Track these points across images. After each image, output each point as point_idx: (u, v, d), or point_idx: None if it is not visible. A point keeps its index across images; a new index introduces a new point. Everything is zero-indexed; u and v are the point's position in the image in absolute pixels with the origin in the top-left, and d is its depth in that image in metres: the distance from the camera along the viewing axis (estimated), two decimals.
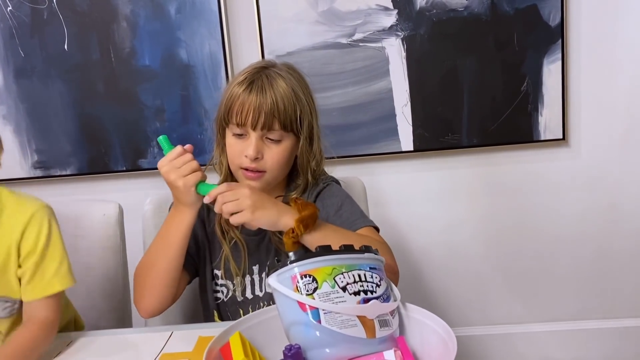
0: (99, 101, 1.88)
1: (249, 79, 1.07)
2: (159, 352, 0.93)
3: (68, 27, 1.83)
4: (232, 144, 1.09)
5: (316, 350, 0.74)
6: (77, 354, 0.97)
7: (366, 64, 1.80)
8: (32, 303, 1.03)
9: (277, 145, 1.07)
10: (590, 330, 1.98)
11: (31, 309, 1.04)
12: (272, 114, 1.04)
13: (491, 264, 1.97)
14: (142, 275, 1.05)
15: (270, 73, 1.08)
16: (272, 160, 1.07)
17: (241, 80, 1.07)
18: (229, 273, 1.13)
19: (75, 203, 1.39)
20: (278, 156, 1.08)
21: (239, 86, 1.07)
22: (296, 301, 0.74)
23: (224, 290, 1.14)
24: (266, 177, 1.08)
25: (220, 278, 1.14)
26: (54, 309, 1.04)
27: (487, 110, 1.81)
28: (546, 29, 1.75)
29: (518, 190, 1.90)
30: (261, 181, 1.08)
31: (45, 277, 1.03)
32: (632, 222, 1.90)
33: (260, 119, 1.04)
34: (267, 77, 1.07)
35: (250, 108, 1.04)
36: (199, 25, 1.81)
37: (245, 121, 1.05)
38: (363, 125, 1.84)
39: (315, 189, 1.15)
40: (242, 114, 1.04)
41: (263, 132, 1.05)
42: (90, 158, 1.91)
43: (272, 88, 1.05)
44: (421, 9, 1.76)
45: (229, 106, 1.07)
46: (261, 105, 1.04)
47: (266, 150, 1.06)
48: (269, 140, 1.07)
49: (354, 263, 0.78)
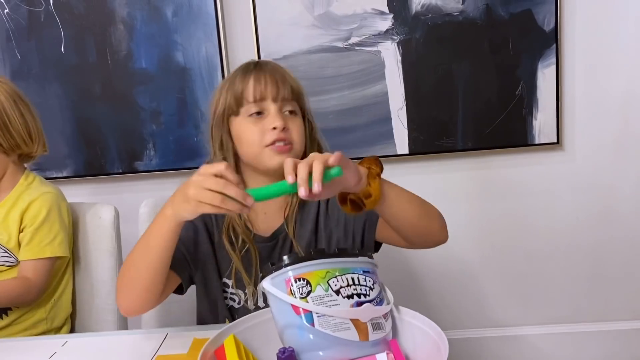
0: (96, 104, 1.88)
1: (251, 63, 1.08)
2: (154, 353, 0.94)
3: (65, 30, 1.83)
4: (249, 126, 1.05)
5: (310, 353, 0.75)
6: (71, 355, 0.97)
7: (362, 67, 1.81)
8: (24, 263, 1.24)
9: (294, 117, 1.06)
10: (584, 333, 1.98)
11: (21, 268, 1.24)
12: (288, 85, 1.05)
13: (485, 266, 1.98)
14: (122, 275, 0.98)
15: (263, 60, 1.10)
16: (297, 131, 1.06)
17: (244, 67, 1.08)
18: (241, 283, 1.08)
19: (71, 206, 1.39)
20: (300, 128, 1.07)
21: (243, 72, 1.07)
22: (290, 304, 0.75)
23: (236, 298, 1.10)
24: (295, 151, 1.05)
25: (231, 287, 1.10)
26: (40, 273, 1.23)
27: (482, 114, 1.82)
28: (541, 34, 1.76)
29: (512, 194, 1.91)
30: (292, 154, 1.04)
31: (38, 244, 1.24)
32: (626, 225, 1.91)
33: (280, 89, 1.04)
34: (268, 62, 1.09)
35: (269, 81, 1.04)
36: (196, 29, 1.81)
37: (265, 94, 1.04)
38: (359, 128, 1.85)
39: None
40: (260, 87, 1.04)
41: (282, 103, 1.05)
42: (87, 160, 1.92)
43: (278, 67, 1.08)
44: (417, 13, 1.77)
45: (238, 91, 1.05)
46: (277, 77, 1.05)
47: (289, 122, 1.05)
48: (286, 114, 1.05)
49: (348, 267, 0.79)
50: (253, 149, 1.05)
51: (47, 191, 1.30)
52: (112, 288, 1.33)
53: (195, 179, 0.82)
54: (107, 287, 1.33)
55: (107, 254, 1.34)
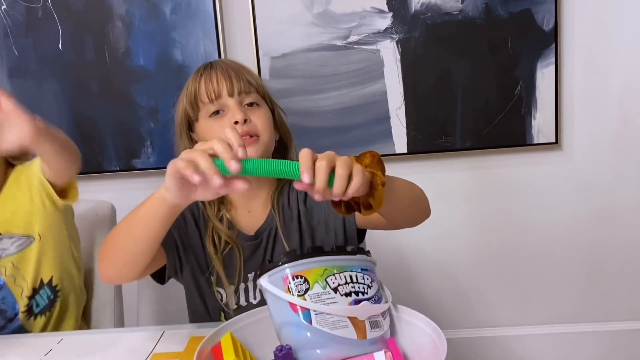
0: (93, 101, 1.87)
1: (204, 66, 1.08)
2: (150, 351, 0.93)
3: (63, 27, 1.83)
4: (211, 126, 1.04)
5: (307, 351, 0.74)
6: (67, 352, 0.96)
7: (361, 66, 1.81)
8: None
9: (258, 108, 1.05)
10: (582, 333, 1.98)
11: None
12: (244, 78, 1.04)
13: (483, 266, 1.97)
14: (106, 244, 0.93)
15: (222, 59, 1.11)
16: (261, 121, 1.04)
17: (195, 71, 1.08)
18: (222, 281, 1.08)
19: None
20: (264, 117, 1.05)
21: (196, 74, 1.06)
22: (287, 302, 0.75)
23: (219, 296, 1.10)
24: (263, 140, 1.04)
25: (214, 284, 1.09)
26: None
27: (480, 114, 1.82)
28: (540, 33, 1.76)
29: (511, 193, 1.91)
30: (259, 145, 1.03)
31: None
32: (625, 225, 1.91)
33: (234, 83, 1.03)
34: (221, 60, 1.12)
35: (220, 78, 1.03)
36: (194, 26, 1.81)
37: (219, 91, 1.03)
38: (357, 127, 1.84)
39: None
40: (213, 87, 1.03)
41: (241, 97, 1.04)
42: (84, 158, 1.86)
43: (232, 63, 1.07)
44: (416, 12, 1.76)
45: (193, 94, 1.05)
46: (229, 72, 1.04)
47: (251, 114, 1.04)
48: (248, 106, 1.05)
49: (346, 264, 0.79)
50: None
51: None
52: (109, 286, 1.33)
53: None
54: (104, 284, 1.33)
55: None
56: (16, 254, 1.21)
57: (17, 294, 1.21)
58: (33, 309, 1.23)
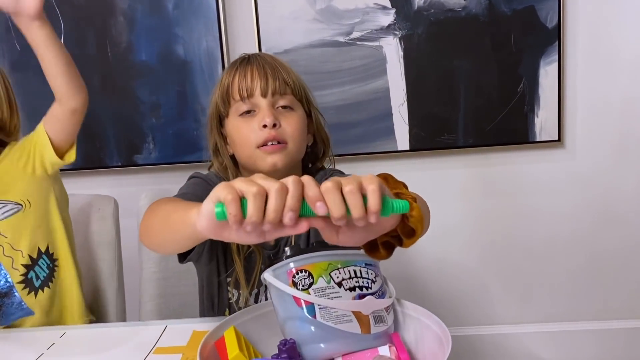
0: (95, 96, 1.86)
1: (237, 59, 1.03)
2: (153, 345, 0.93)
3: (65, 21, 1.82)
4: (240, 125, 0.99)
5: (311, 345, 0.74)
6: (70, 347, 0.96)
7: (363, 62, 1.80)
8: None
9: (291, 112, 1.00)
10: (582, 331, 1.98)
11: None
12: (281, 77, 0.99)
13: (485, 264, 1.97)
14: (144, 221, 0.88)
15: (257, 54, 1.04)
16: (292, 127, 0.98)
17: (231, 64, 1.03)
18: (235, 282, 1.06)
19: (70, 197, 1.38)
20: (296, 124, 1.00)
21: (232, 68, 1.01)
22: (292, 296, 0.74)
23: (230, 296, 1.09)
24: (289, 150, 0.99)
25: (229, 285, 1.08)
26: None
27: (483, 111, 1.82)
28: (543, 31, 1.76)
29: (513, 191, 1.91)
30: (285, 154, 0.98)
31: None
32: (626, 223, 1.91)
33: (269, 82, 0.97)
34: (260, 55, 1.03)
35: (255, 75, 0.98)
36: (197, 22, 1.80)
37: (252, 90, 0.98)
38: (359, 124, 1.84)
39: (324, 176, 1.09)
40: (246, 84, 0.97)
41: (274, 98, 0.99)
42: (86, 153, 1.90)
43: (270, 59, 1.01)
44: (419, 8, 1.76)
45: (226, 89, 1.00)
46: (266, 69, 0.98)
47: (282, 118, 0.98)
48: (281, 109, 0.99)
49: (350, 259, 0.79)
50: (245, 151, 1.00)
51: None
52: (112, 280, 1.33)
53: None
54: (106, 279, 1.33)
55: (106, 246, 1.33)
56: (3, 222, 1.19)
57: (7, 265, 1.19)
58: (34, 282, 1.21)
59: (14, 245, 1.19)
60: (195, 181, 1.07)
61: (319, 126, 1.09)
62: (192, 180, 1.08)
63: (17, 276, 1.20)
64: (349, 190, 0.58)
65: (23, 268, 1.20)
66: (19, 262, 1.20)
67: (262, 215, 0.57)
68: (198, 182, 1.06)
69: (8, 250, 1.19)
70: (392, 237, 0.69)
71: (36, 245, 1.22)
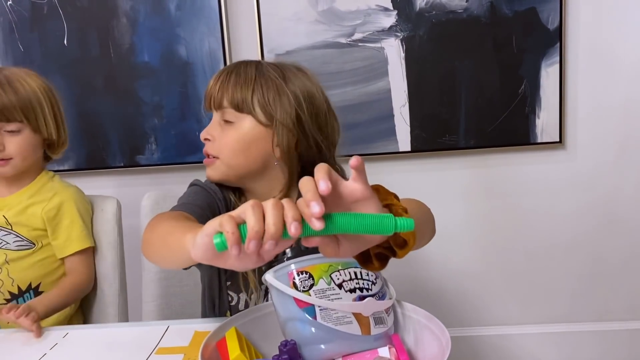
0: (98, 97, 1.88)
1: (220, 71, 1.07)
2: (155, 346, 0.94)
3: (68, 22, 1.83)
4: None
5: (311, 346, 0.75)
6: (72, 347, 0.97)
7: (365, 64, 1.81)
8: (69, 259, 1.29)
9: (230, 127, 1.02)
10: (583, 332, 1.98)
11: (68, 264, 1.30)
12: (222, 91, 1.01)
13: (486, 265, 1.98)
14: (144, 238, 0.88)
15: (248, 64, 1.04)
16: (222, 142, 1.02)
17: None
18: (236, 286, 1.07)
19: None
20: (229, 138, 1.02)
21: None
22: (292, 297, 0.75)
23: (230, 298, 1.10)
24: (219, 164, 1.03)
25: (228, 287, 1.09)
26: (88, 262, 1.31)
27: (484, 112, 1.82)
28: (545, 32, 1.76)
29: (514, 192, 1.91)
30: (214, 168, 1.04)
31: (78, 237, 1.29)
32: (627, 225, 1.91)
33: (214, 96, 1.02)
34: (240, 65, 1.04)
35: (212, 87, 1.03)
36: (199, 23, 1.81)
37: (209, 102, 1.04)
38: (361, 125, 1.85)
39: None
40: (207, 96, 1.04)
41: (219, 112, 1.03)
42: (88, 153, 1.91)
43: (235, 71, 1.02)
44: (421, 10, 1.77)
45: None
46: (216, 83, 1.02)
47: (220, 132, 1.03)
48: (225, 122, 1.02)
49: (350, 261, 0.79)
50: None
51: (70, 186, 1.34)
52: (115, 281, 1.33)
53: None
54: (109, 279, 1.33)
55: (109, 247, 1.34)
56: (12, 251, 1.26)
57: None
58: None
59: (10, 272, 1.25)
60: (195, 189, 1.08)
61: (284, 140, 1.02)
62: (192, 189, 1.09)
63: (1, 299, 1.25)
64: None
65: (8, 294, 1.26)
66: (7, 289, 1.26)
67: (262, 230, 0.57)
68: (197, 191, 1.07)
69: (4, 274, 1.25)
70: (384, 248, 0.69)
71: (29, 281, 1.28)
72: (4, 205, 1.27)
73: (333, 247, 0.63)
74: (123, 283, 1.36)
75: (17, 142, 1.23)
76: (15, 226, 1.26)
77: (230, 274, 1.07)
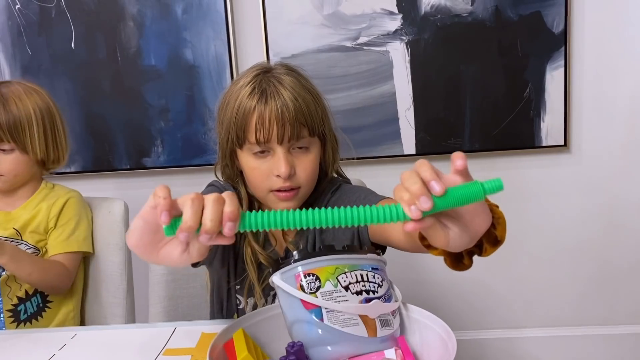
0: (105, 100, 1.89)
1: (258, 87, 0.94)
2: (163, 347, 0.94)
3: (75, 26, 1.84)
4: (254, 166, 0.97)
5: (318, 347, 0.75)
6: (80, 348, 0.97)
7: (370, 67, 1.82)
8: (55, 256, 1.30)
9: (306, 154, 0.97)
10: (588, 336, 1.98)
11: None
12: (298, 120, 0.94)
13: (490, 268, 1.98)
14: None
15: (275, 75, 0.97)
16: (306, 172, 0.97)
17: (249, 92, 0.95)
18: (245, 290, 1.06)
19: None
20: (311, 166, 0.98)
21: (250, 99, 0.94)
22: (299, 299, 0.75)
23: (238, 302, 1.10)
24: (301, 193, 0.99)
25: (237, 292, 1.09)
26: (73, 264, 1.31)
27: (489, 116, 1.83)
28: (550, 36, 1.76)
29: (519, 196, 1.92)
30: (297, 199, 0.99)
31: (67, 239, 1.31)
32: (632, 228, 1.91)
33: (287, 129, 0.93)
34: (276, 80, 0.95)
35: (273, 120, 0.92)
36: (205, 26, 1.82)
37: (269, 137, 0.93)
38: (366, 128, 1.85)
39: (331, 187, 1.08)
40: (263, 129, 0.93)
41: (290, 143, 0.95)
42: (95, 156, 1.93)
43: (287, 91, 0.94)
44: (426, 13, 1.77)
45: (243, 124, 0.95)
46: (284, 113, 0.92)
47: (296, 163, 0.96)
48: (296, 150, 0.96)
49: (357, 263, 0.80)
50: (257, 191, 1.01)
51: (72, 192, 1.37)
52: (122, 282, 1.34)
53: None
54: (116, 281, 1.34)
55: (116, 249, 1.35)
56: None
57: (4, 292, 1.27)
58: (20, 315, 1.28)
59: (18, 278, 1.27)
60: (211, 190, 1.07)
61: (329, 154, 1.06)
62: (209, 189, 1.08)
63: (9, 305, 1.27)
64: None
65: (16, 299, 1.28)
66: (15, 294, 1.28)
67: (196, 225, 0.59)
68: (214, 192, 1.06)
69: (11, 281, 1.27)
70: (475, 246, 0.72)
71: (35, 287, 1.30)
72: (11, 218, 1.30)
73: (444, 233, 0.66)
74: (130, 284, 1.37)
75: (9, 161, 1.27)
76: (25, 236, 1.30)
77: (240, 278, 1.07)
